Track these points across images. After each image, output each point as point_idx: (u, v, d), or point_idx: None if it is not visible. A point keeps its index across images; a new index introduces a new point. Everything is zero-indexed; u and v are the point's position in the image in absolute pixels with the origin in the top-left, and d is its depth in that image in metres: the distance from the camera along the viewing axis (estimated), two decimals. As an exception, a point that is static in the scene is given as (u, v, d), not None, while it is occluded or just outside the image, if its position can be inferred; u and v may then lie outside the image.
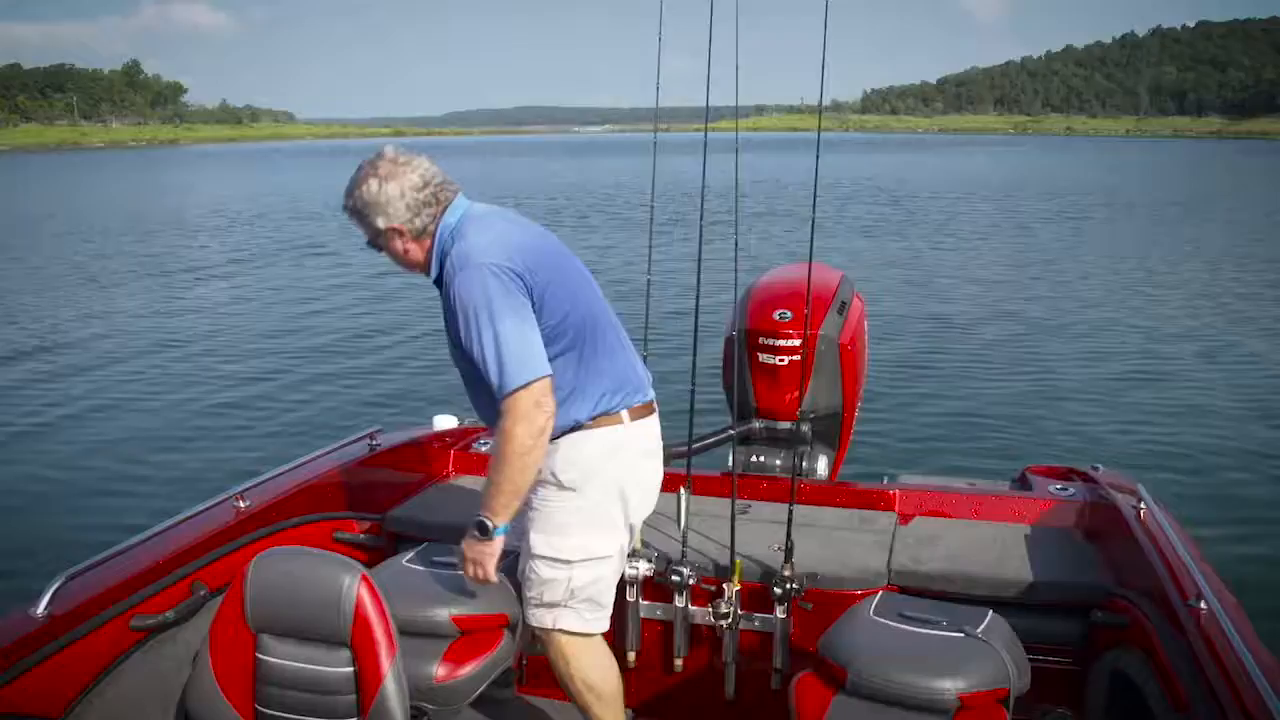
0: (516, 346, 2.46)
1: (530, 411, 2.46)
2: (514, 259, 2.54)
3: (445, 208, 2.65)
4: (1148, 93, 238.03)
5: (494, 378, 2.48)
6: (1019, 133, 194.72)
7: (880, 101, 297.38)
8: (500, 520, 2.56)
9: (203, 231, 26.32)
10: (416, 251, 2.67)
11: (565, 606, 2.77)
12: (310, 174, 56.67)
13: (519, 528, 2.75)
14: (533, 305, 2.54)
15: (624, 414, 2.75)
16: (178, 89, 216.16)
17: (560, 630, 2.78)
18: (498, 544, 2.60)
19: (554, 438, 2.60)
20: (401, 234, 2.63)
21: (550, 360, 2.53)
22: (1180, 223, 26.34)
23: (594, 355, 2.70)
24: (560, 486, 2.72)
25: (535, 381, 2.47)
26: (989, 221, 26.60)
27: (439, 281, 2.65)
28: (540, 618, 2.79)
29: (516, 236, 2.63)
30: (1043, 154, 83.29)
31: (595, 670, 2.83)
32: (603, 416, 2.71)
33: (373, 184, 2.60)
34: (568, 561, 2.74)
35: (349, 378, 10.56)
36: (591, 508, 2.74)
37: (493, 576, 2.65)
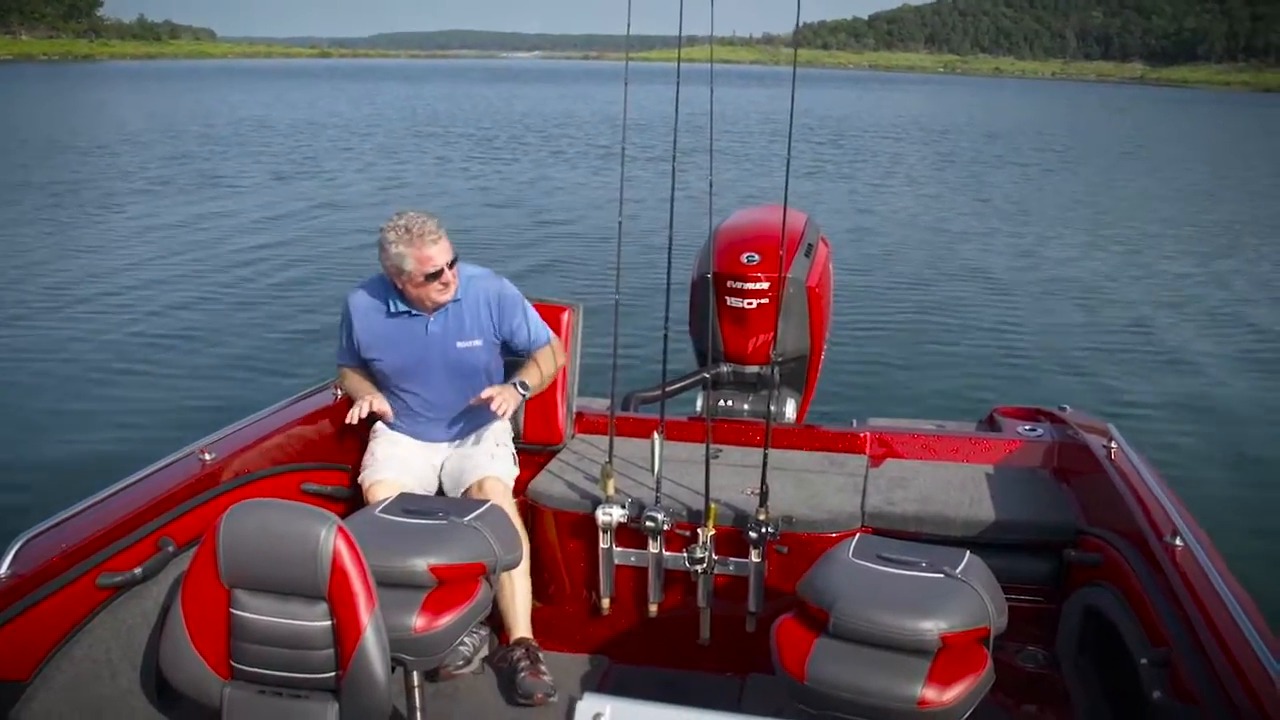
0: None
1: (560, 346, 3.58)
2: None
3: None
4: (1074, 36, 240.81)
5: (538, 333, 3.48)
6: (949, 72, 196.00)
7: (812, 36, 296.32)
8: (532, 390, 3.44)
9: (123, 155, 24.95)
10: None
11: None
12: (246, 95, 54.34)
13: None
14: None
15: None
16: (93, 1, 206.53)
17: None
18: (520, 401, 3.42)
19: None
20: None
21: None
22: (1124, 167, 26.80)
23: None
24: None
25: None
26: (934, 163, 26.77)
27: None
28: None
29: None
30: (974, 94, 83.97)
31: None
32: None
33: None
34: None
35: (306, 323, 10.05)
36: None
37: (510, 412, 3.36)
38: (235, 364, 8.69)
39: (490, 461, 3.38)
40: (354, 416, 3.33)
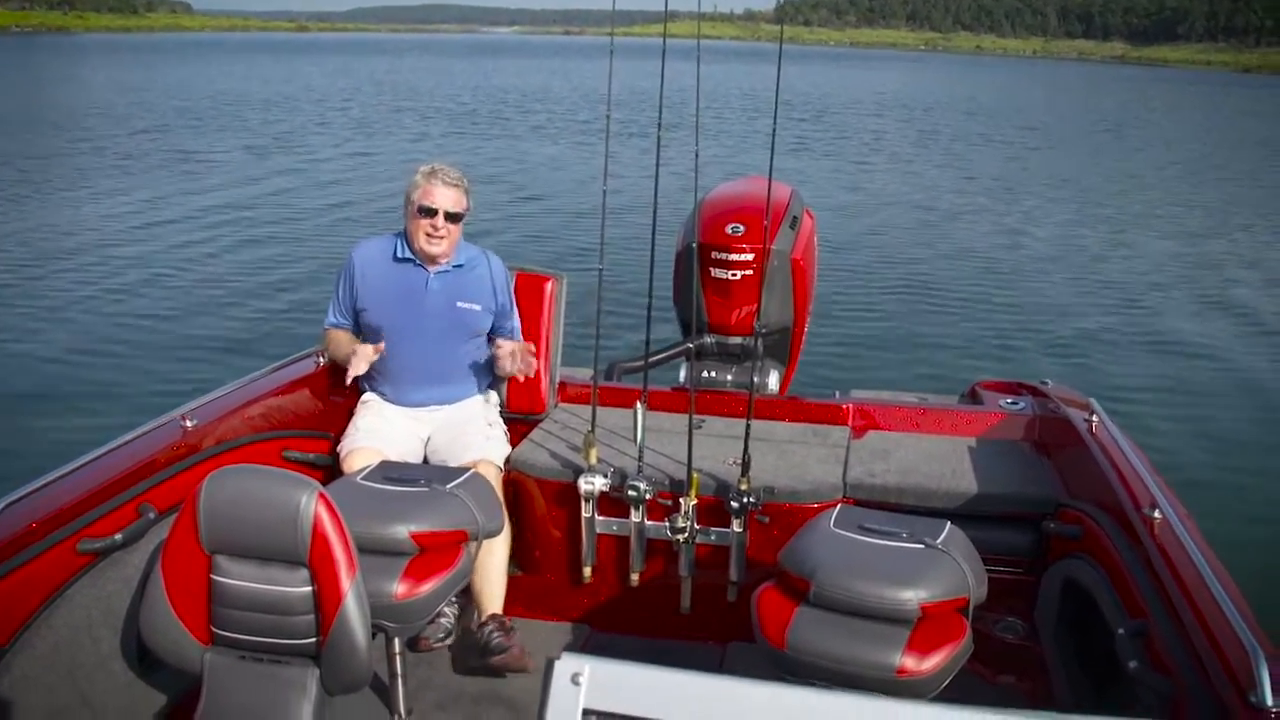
0: None
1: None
2: None
3: None
4: (1055, 14, 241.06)
5: (516, 324, 3.57)
6: (930, 49, 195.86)
7: (794, 12, 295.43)
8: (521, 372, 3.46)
9: (96, 129, 24.57)
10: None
11: None
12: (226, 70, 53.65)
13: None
14: None
15: None
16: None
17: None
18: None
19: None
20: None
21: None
22: (1106, 147, 26.91)
23: None
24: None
25: None
26: (917, 140, 26.77)
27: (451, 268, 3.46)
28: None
29: None
30: (956, 72, 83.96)
31: None
32: None
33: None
34: None
35: (287, 294, 10.02)
36: None
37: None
38: (212, 337, 8.64)
39: (485, 443, 3.37)
40: (356, 370, 3.31)
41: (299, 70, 54.17)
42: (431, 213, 3.32)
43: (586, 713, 1.13)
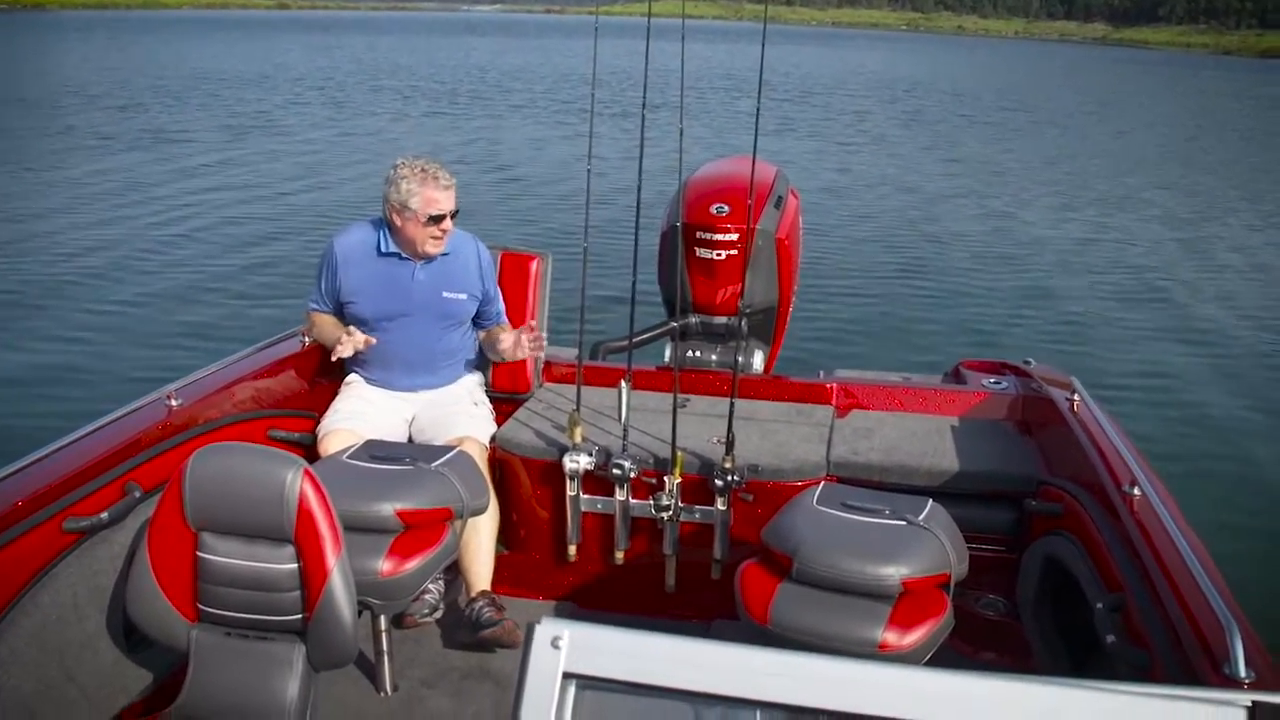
0: None
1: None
2: None
3: None
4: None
5: (501, 308, 3.59)
6: (911, 29, 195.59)
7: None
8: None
9: (70, 108, 24.21)
10: None
11: None
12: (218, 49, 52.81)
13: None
14: None
15: None
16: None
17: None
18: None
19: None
20: None
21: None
22: (1089, 129, 26.91)
23: None
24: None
25: None
26: (900, 121, 26.74)
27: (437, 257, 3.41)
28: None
29: None
30: (938, 52, 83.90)
31: None
32: None
33: None
34: None
35: (267, 274, 9.92)
36: None
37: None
38: (191, 319, 8.56)
39: (469, 421, 3.38)
40: (337, 355, 3.30)
41: (278, 47, 53.47)
42: (440, 219, 3.30)
43: (566, 676, 1.14)
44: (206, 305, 8.93)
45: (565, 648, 1.15)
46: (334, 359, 3.34)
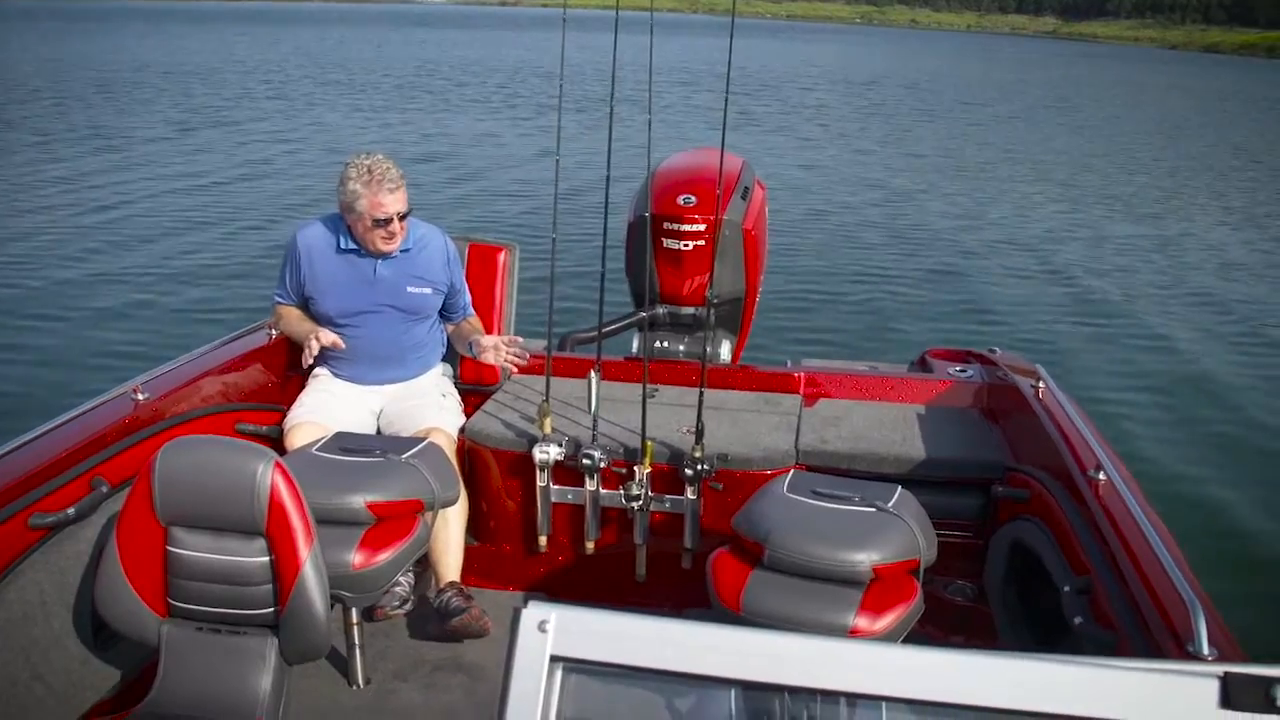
0: None
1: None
2: None
3: None
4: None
5: (469, 301, 3.58)
6: (865, 23, 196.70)
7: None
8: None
9: (15, 103, 23.71)
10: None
11: None
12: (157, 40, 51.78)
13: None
14: None
15: None
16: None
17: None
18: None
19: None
20: None
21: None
22: (1045, 121, 27.23)
23: None
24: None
25: None
26: (860, 114, 26.88)
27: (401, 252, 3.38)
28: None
29: None
30: (892, 46, 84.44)
31: None
32: None
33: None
34: None
35: (236, 265, 9.82)
36: None
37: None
38: (158, 310, 8.48)
39: (438, 413, 3.38)
40: (308, 359, 3.29)
41: (224, 40, 52.60)
42: (386, 222, 3.28)
43: (554, 659, 1.15)
44: (172, 298, 8.81)
45: (552, 631, 1.15)
46: (304, 364, 3.33)
